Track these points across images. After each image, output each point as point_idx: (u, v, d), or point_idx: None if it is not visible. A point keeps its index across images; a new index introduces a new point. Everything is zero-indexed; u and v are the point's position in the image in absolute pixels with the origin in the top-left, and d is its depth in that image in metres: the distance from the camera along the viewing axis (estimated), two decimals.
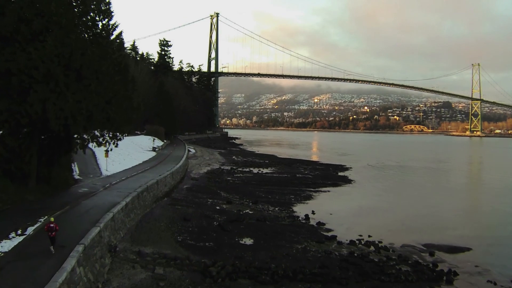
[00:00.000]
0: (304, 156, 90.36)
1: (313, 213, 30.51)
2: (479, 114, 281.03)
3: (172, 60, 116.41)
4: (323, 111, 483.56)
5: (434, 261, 20.95)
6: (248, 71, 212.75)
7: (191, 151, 70.88)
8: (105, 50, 20.57)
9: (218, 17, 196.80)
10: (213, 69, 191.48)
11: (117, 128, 22.12)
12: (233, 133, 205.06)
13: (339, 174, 56.57)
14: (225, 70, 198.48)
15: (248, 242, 21.62)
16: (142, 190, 24.54)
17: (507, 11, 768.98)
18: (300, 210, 31.40)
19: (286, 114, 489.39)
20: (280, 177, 50.53)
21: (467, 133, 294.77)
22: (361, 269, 18.47)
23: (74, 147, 21.92)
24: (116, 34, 21.91)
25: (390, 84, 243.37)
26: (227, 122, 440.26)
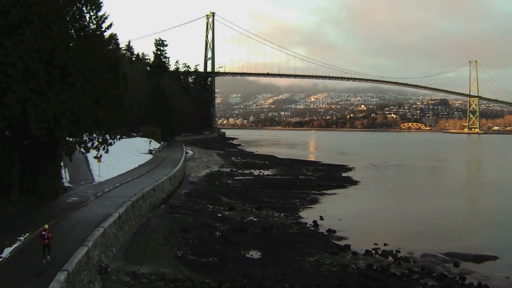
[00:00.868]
0: (304, 156, 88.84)
1: (321, 218, 28.78)
2: (477, 111, 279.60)
3: (168, 60, 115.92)
4: (320, 110, 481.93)
5: (460, 272, 19.34)
6: (244, 71, 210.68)
7: (189, 153, 68.74)
8: (93, 44, 18.28)
9: (214, 16, 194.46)
10: (209, 69, 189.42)
11: (107, 131, 19.87)
12: (230, 133, 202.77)
13: (343, 175, 54.70)
14: (221, 70, 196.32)
15: (255, 256, 19.58)
16: (137, 198, 22.34)
17: (504, 8, 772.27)
18: (307, 216, 29.57)
19: (283, 113, 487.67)
20: (282, 179, 48.53)
21: (465, 130, 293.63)
22: (384, 286, 16.53)
23: (60, 154, 19.68)
24: (105, 27, 19.60)
25: (387, 82, 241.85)
26: (224, 122, 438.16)
